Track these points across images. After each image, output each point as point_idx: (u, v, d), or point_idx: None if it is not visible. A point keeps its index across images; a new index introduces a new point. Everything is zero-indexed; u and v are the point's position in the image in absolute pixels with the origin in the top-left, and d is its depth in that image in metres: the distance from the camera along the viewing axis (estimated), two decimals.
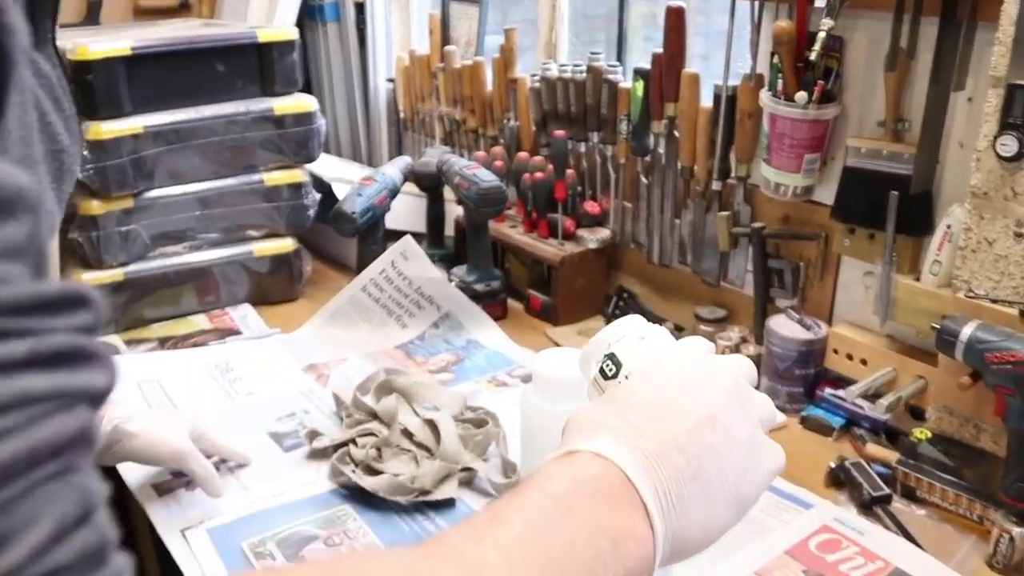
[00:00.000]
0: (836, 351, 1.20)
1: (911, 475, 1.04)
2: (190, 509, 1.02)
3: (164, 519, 1.01)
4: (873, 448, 1.10)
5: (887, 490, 1.04)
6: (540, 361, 0.99)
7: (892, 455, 1.08)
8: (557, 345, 1.45)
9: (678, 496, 0.48)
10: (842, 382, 1.22)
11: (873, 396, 1.13)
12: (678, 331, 1.44)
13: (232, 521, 1.01)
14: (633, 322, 0.62)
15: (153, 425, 1.02)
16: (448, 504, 1.04)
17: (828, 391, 1.20)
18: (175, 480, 1.06)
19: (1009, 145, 0.89)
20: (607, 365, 0.60)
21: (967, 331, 0.94)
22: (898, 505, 1.04)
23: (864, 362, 1.17)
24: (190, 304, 1.52)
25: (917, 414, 1.14)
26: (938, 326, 0.97)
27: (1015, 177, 0.92)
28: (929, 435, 1.06)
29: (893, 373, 1.14)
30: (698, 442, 0.50)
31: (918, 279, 1.10)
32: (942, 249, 1.06)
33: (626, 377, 0.59)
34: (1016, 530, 0.94)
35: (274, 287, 1.58)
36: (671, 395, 0.53)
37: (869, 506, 1.03)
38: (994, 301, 0.96)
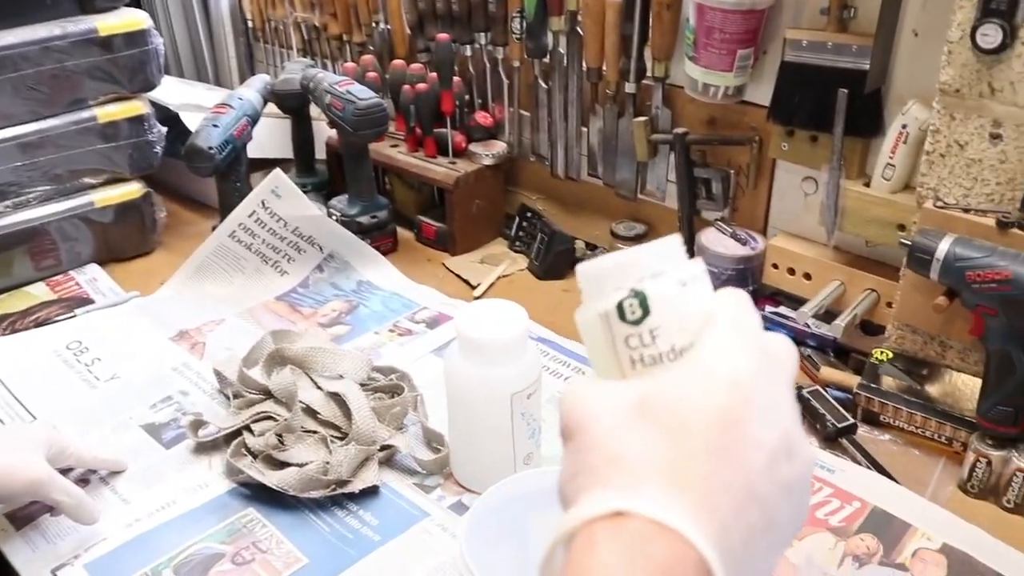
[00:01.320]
0: (775, 266, 1.09)
1: (874, 400, 0.96)
2: (59, 541, 0.84)
3: (27, 559, 0.83)
4: (829, 372, 1.01)
5: (851, 419, 0.95)
6: (463, 322, 0.84)
7: (850, 379, 0.99)
8: (460, 278, 1.30)
9: (749, 558, 0.38)
10: (781, 298, 1.12)
11: (824, 315, 1.03)
12: (590, 250, 1.32)
13: (115, 549, 0.84)
14: (675, 252, 0.45)
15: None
16: (371, 493, 0.90)
17: (769, 309, 1.10)
18: (35, 507, 0.87)
19: (991, 35, 0.77)
20: (630, 305, 0.42)
21: (944, 247, 0.84)
22: (861, 432, 0.96)
23: (808, 276, 1.07)
24: (25, 272, 1.29)
25: (868, 329, 1.05)
26: (909, 242, 0.86)
27: (993, 72, 0.80)
28: (890, 355, 0.98)
29: (842, 288, 1.04)
30: (774, 482, 0.39)
31: (867, 185, 0.99)
32: (896, 152, 0.95)
33: (652, 335, 0.42)
34: (995, 454, 0.87)
35: (124, 241, 1.36)
36: (738, 414, 0.39)
37: (835, 439, 0.95)
38: (966, 210, 0.86)
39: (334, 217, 1.32)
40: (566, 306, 1.23)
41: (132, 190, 1.35)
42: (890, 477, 0.91)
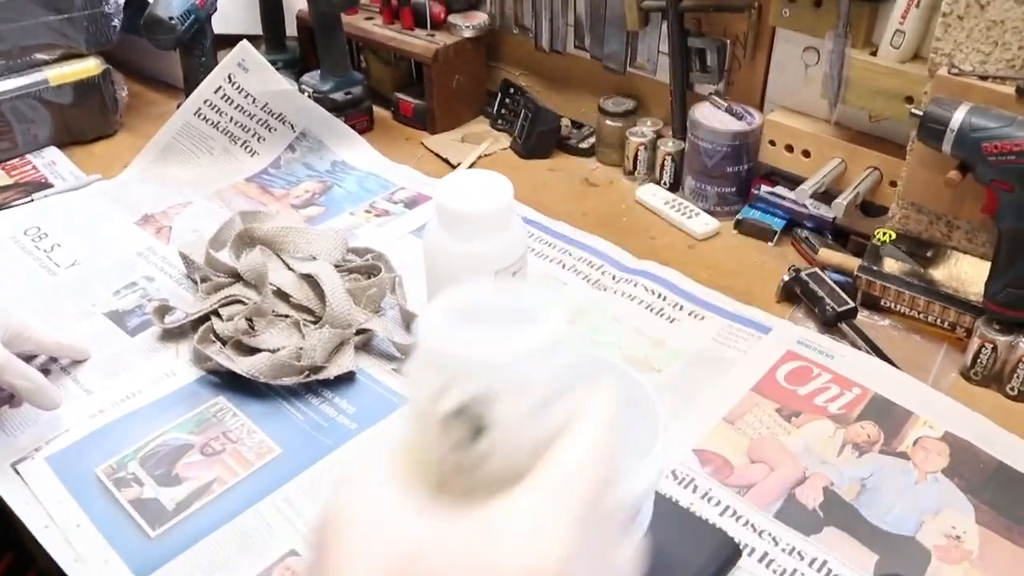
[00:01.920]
0: (773, 142, 1.04)
1: (875, 283, 0.91)
2: (19, 434, 0.80)
3: None
4: (828, 254, 0.96)
5: (852, 303, 0.91)
6: (442, 192, 0.78)
7: (850, 261, 0.94)
8: (439, 157, 1.23)
9: None
10: (778, 177, 1.06)
11: (823, 193, 0.98)
12: (576, 128, 1.25)
13: (77, 441, 0.79)
14: (553, 326, 0.34)
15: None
16: (347, 379, 0.85)
17: (764, 189, 1.04)
18: None
19: None
20: (470, 420, 0.33)
21: (959, 117, 0.78)
22: (861, 317, 0.92)
23: (807, 153, 1.01)
24: None
25: (870, 211, 1.00)
26: (920, 112, 0.80)
27: None
28: (893, 236, 0.93)
29: (843, 165, 0.99)
30: None
31: (874, 54, 0.93)
32: (907, 16, 0.88)
33: (482, 456, 0.33)
34: (1001, 339, 0.83)
35: (84, 122, 1.28)
36: None
37: (834, 323, 0.90)
38: (984, 78, 0.80)
39: (305, 93, 1.24)
40: (551, 186, 1.17)
41: (89, 67, 1.26)
42: (891, 363, 0.87)
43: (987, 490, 0.76)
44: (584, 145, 1.22)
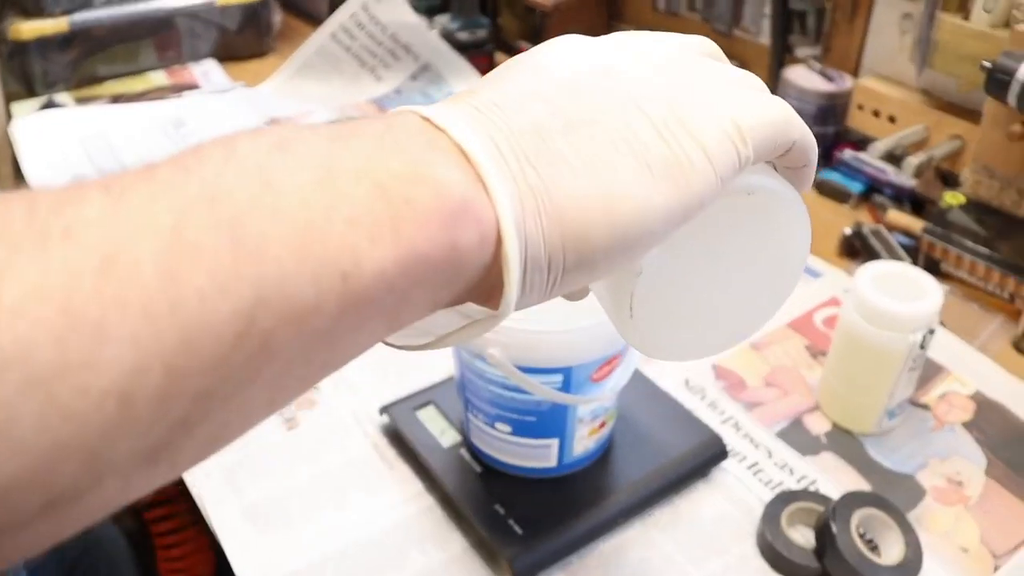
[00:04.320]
0: (861, 107, 1.04)
1: (937, 245, 0.91)
2: None
3: None
4: (895, 215, 0.96)
5: (908, 259, 0.91)
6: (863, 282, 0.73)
7: (916, 223, 0.94)
8: None
9: (537, 146, 0.30)
10: (865, 145, 1.06)
11: (900, 158, 0.98)
12: None
13: None
14: None
15: None
16: None
17: (849, 153, 1.05)
18: None
19: None
20: None
21: None
22: None
23: (892, 119, 1.01)
24: (149, 60, 1.36)
25: (950, 182, 0.99)
26: (990, 64, 0.80)
27: None
28: (962, 200, 0.92)
29: (925, 132, 0.98)
30: (577, 90, 0.31)
31: (967, 18, 0.93)
32: None
33: None
34: None
35: (241, 41, 1.41)
36: (543, 60, 0.33)
37: None
38: None
39: (434, 30, 1.33)
40: None
41: None
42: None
43: (1006, 448, 0.75)
44: None
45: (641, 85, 0.32)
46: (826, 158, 1.07)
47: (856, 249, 0.94)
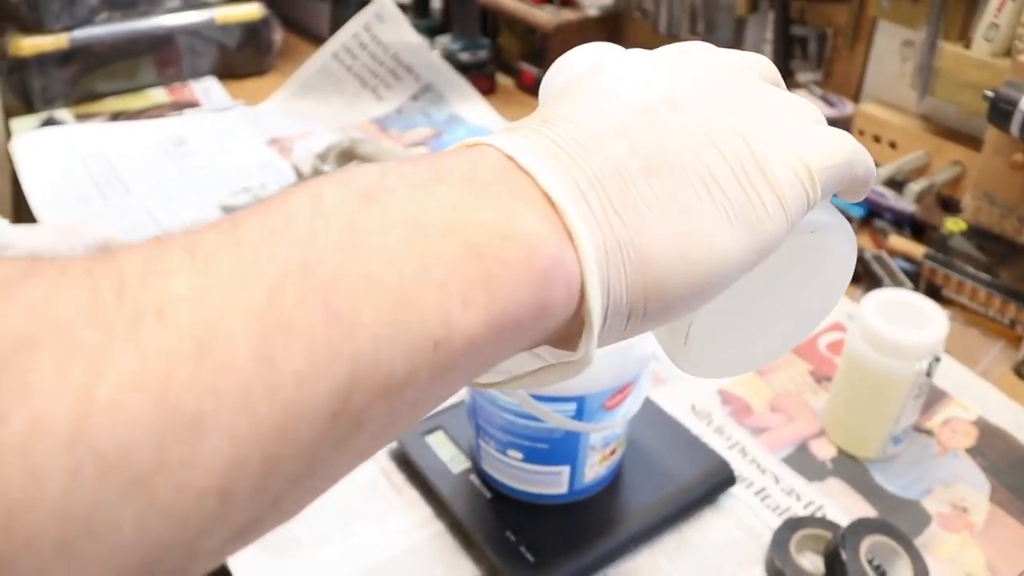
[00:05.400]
0: (862, 132, 1.05)
1: (939, 271, 0.92)
2: None
3: None
4: (896, 240, 0.97)
5: (910, 285, 0.91)
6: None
7: (918, 249, 0.95)
8: None
9: (620, 190, 0.29)
10: None
11: (902, 184, 0.99)
12: None
13: None
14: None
15: (42, 242, 0.83)
16: None
17: None
18: None
19: None
20: None
21: None
22: None
23: (893, 145, 1.02)
24: (149, 77, 1.36)
25: (951, 207, 1.00)
26: (992, 93, 0.81)
27: None
28: (964, 227, 0.93)
29: (926, 158, 0.99)
30: (652, 123, 0.30)
31: (968, 47, 0.94)
32: (1003, 8, 0.89)
33: None
34: None
35: (241, 59, 1.41)
36: (611, 85, 0.32)
37: None
38: None
39: (436, 50, 1.33)
40: None
41: (252, 11, 1.40)
42: None
43: (1009, 473, 0.76)
44: None
45: (713, 118, 0.31)
46: None
47: (858, 274, 0.95)
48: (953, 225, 0.93)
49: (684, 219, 0.29)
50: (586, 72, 0.34)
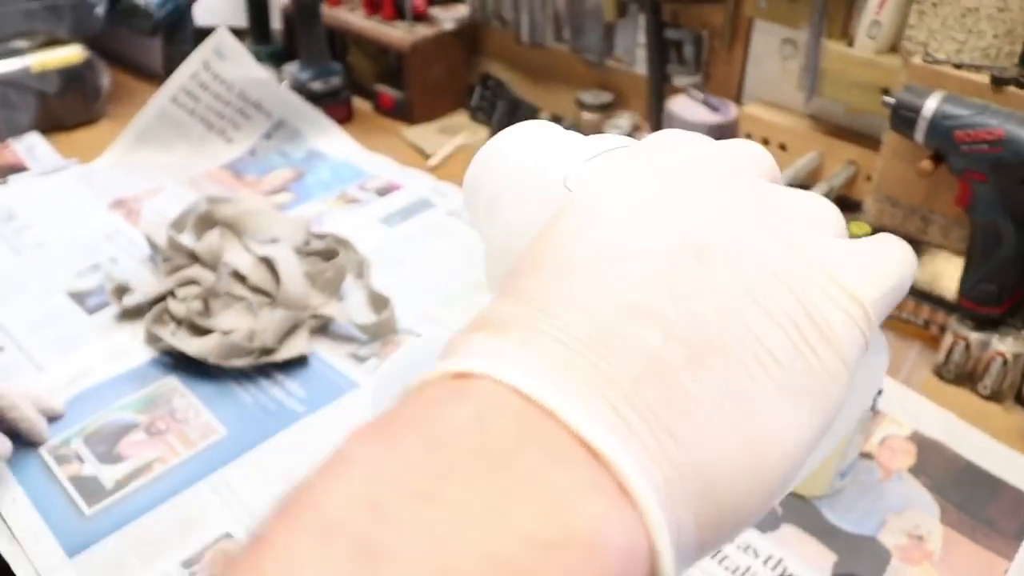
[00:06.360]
0: (749, 135, 1.01)
1: None
2: None
3: None
4: None
5: None
6: None
7: None
8: (415, 148, 1.22)
9: (666, 399, 0.22)
10: None
11: (799, 187, 0.95)
12: (555, 121, 1.23)
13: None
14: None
15: None
16: (299, 363, 0.84)
17: None
18: None
19: None
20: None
21: (931, 105, 0.76)
22: None
23: (783, 147, 0.99)
24: None
25: (849, 207, 0.98)
26: (892, 100, 0.78)
27: None
28: (868, 230, 0.91)
29: (819, 159, 0.97)
30: (679, 288, 0.23)
31: (851, 45, 0.91)
32: (884, 6, 0.86)
33: None
34: (973, 336, 0.81)
35: (66, 108, 1.27)
36: (608, 234, 0.25)
37: None
38: (958, 66, 0.78)
39: (284, 82, 1.23)
40: None
41: (72, 55, 1.25)
42: None
43: (954, 490, 0.74)
44: None
45: (740, 257, 0.24)
46: None
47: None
48: (857, 229, 0.91)
49: (745, 415, 0.23)
50: (563, 214, 0.26)
